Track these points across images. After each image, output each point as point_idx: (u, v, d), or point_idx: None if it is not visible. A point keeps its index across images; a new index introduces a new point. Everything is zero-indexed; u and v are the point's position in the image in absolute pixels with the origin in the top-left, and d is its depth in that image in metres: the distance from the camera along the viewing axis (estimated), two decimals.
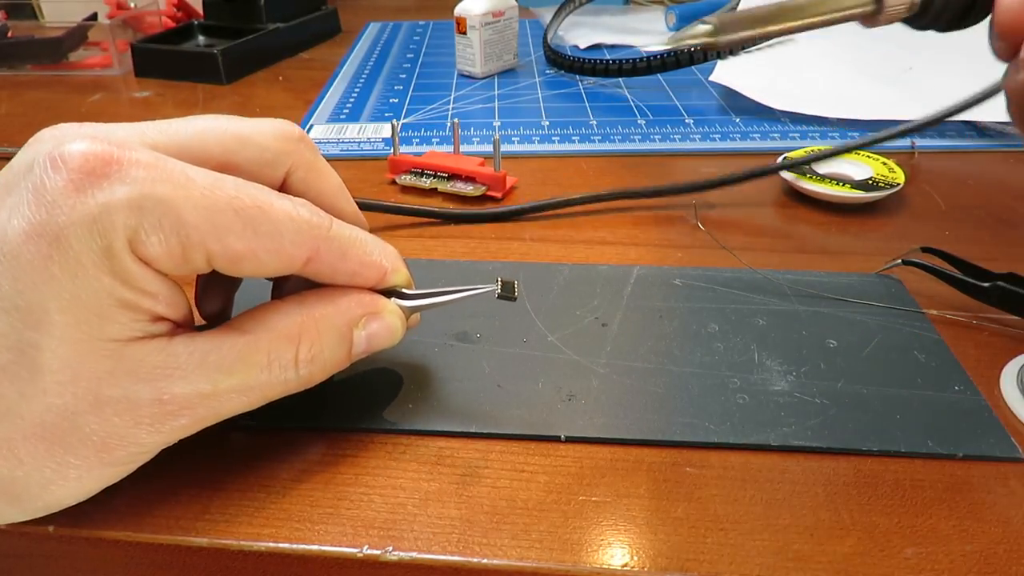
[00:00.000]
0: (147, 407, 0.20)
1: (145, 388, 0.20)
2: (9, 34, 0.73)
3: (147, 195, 0.19)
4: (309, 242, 0.22)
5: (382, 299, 0.25)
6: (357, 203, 0.28)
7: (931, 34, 0.30)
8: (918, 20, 0.25)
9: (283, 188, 0.25)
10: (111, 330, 0.20)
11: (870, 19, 0.25)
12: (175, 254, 0.20)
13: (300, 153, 0.25)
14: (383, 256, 0.25)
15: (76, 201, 0.19)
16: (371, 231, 0.26)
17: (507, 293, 0.26)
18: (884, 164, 0.43)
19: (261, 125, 0.25)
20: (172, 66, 0.67)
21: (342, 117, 0.57)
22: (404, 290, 0.26)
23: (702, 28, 0.25)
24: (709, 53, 0.59)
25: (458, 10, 0.63)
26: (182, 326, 0.22)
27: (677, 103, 0.59)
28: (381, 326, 0.25)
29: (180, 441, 0.26)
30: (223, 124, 0.24)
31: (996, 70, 0.26)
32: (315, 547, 0.22)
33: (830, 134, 0.52)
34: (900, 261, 0.34)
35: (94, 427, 0.20)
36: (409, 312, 0.26)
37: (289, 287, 0.27)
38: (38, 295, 0.19)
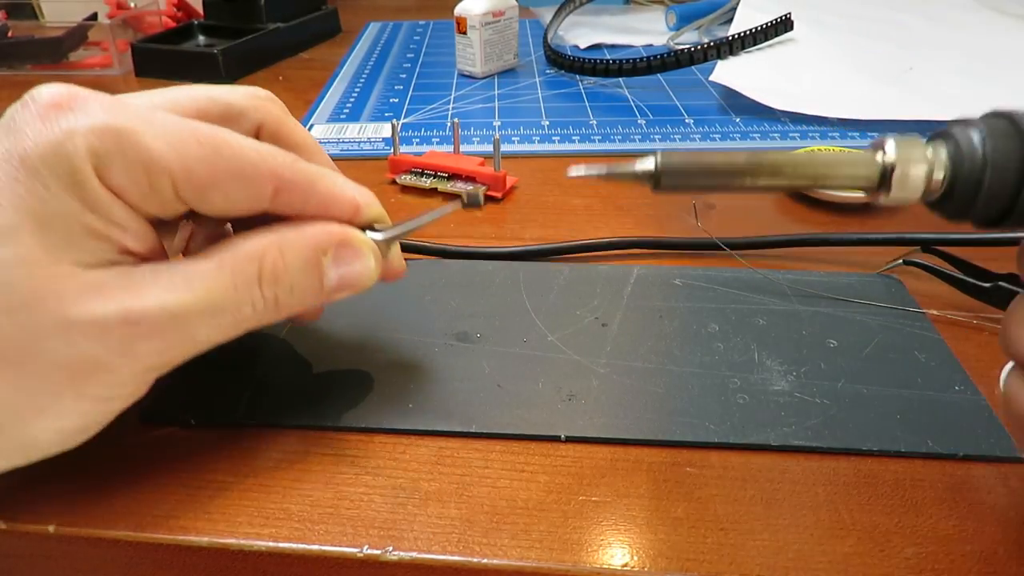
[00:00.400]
0: (115, 327, 0.20)
1: (111, 306, 0.20)
2: (9, 34, 0.73)
3: (110, 124, 0.20)
4: (274, 169, 0.22)
5: (352, 229, 0.24)
6: None
7: (931, 34, 0.29)
8: (941, 207, 0.20)
9: None
10: (78, 255, 0.20)
11: (873, 195, 0.20)
12: (141, 182, 0.20)
13: (268, 109, 0.26)
14: (356, 191, 0.25)
15: (41, 127, 0.20)
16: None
17: (472, 202, 0.27)
18: None
19: (231, 88, 0.26)
20: (172, 66, 0.67)
21: (342, 117, 0.57)
22: (379, 226, 0.26)
23: (643, 168, 0.20)
24: (709, 53, 0.59)
25: (458, 10, 0.63)
26: (151, 260, 0.22)
27: (677, 103, 0.59)
28: (353, 256, 0.24)
29: (179, 441, 0.26)
30: (194, 88, 0.25)
31: (993, 72, 0.24)
32: (315, 547, 0.22)
33: (830, 134, 0.52)
34: (901, 261, 0.34)
35: (62, 351, 0.20)
36: (386, 246, 0.25)
37: None
38: (5, 216, 0.19)
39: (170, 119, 0.21)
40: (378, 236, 0.25)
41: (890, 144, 0.20)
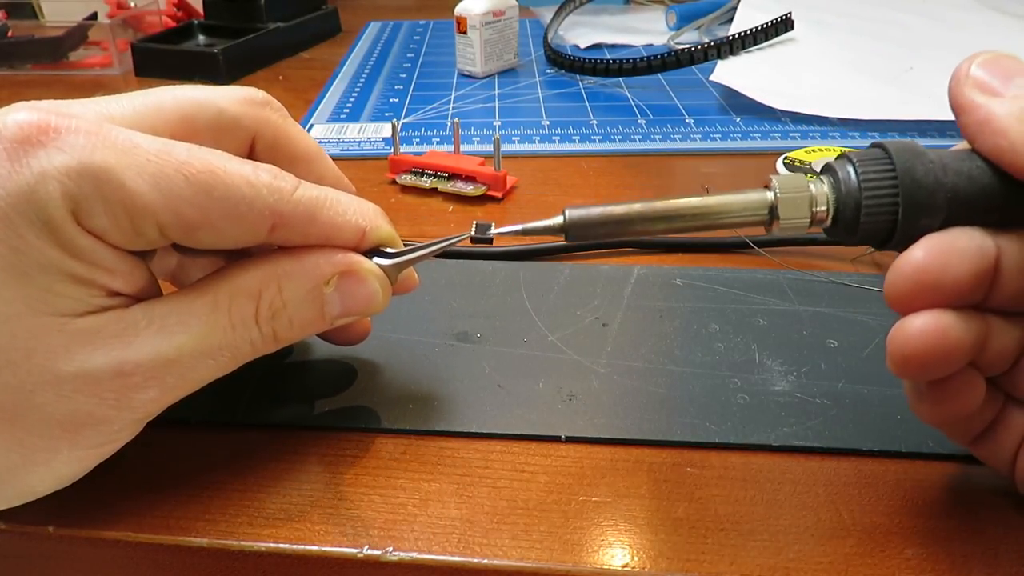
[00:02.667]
0: (109, 380, 0.19)
1: (103, 359, 0.19)
2: (9, 34, 0.73)
3: (86, 163, 0.18)
4: (271, 206, 0.21)
5: (356, 257, 0.23)
6: None
7: (931, 34, 0.29)
8: (835, 233, 0.22)
9: (251, 157, 0.24)
10: (63, 305, 0.19)
11: (768, 228, 0.22)
12: (123, 225, 0.19)
13: (265, 117, 0.24)
14: (359, 215, 0.23)
15: (11, 170, 0.18)
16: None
17: (481, 235, 0.25)
18: None
19: (222, 90, 0.24)
20: (172, 65, 0.67)
21: (342, 117, 0.57)
22: (388, 250, 0.24)
23: (554, 223, 0.22)
24: (709, 52, 0.59)
25: (458, 9, 0.63)
26: (143, 299, 0.21)
27: (678, 103, 0.59)
28: (357, 286, 0.23)
29: (179, 441, 0.26)
30: (183, 91, 0.23)
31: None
32: (315, 547, 0.22)
33: (831, 134, 0.52)
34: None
35: (55, 406, 0.19)
36: (394, 272, 0.24)
37: None
38: None
39: (154, 148, 0.19)
40: (385, 262, 0.24)
41: (775, 182, 0.22)
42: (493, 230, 0.25)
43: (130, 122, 0.21)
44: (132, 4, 0.78)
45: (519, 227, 0.23)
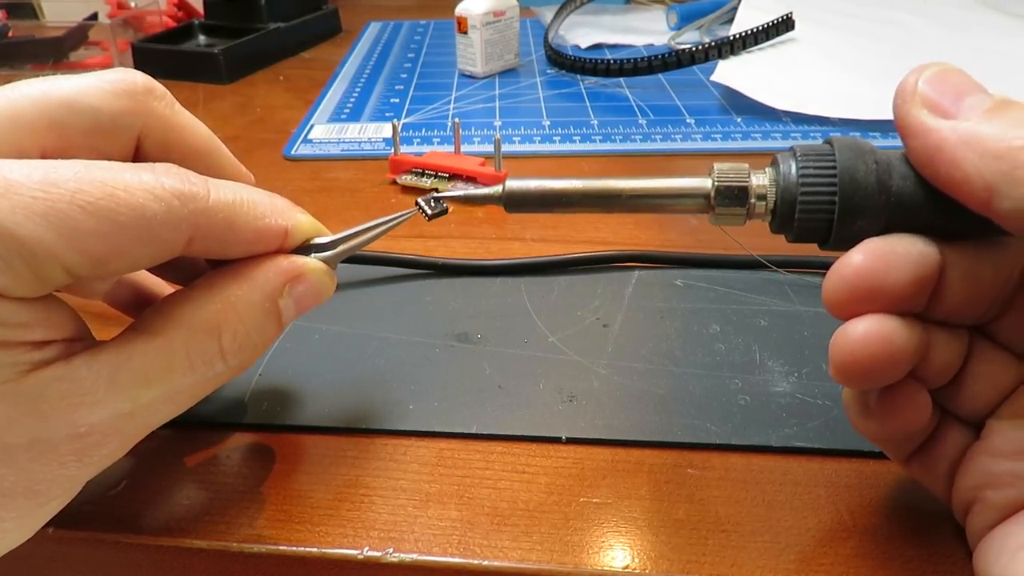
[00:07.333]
0: (65, 444, 0.18)
1: (56, 426, 0.18)
2: (10, 34, 0.73)
3: None
4: (186, 219, 0.19)
5: (300, 259, 0.22)
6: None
7: (931, 34, 0.29)
8: (774, 227, 0.21)
9: (139, 157, 0.22)
10: None
11: (707, 213, 0.22)
12: (23, 277, 0.17)
13: (150, 110, 0.21)
14: (276, 214, 0.21)
15: None
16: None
17: (437, 211, 0.25)
18: None
19: (93, 81, 0.21)
20: (173, 66, 0.67)
21: (343, 117, 0.57)
22: (319, 240, 0.23)
23: (494, 191, 0.22)
24: (710, 52, 0.59)
25: (459, 10, 0.63)
26: (79, 340, 0.19)
27: (678, 103, 0.58)
28: (308, 288, 0.22)
29: (179, 444, 0.26)
30: (43, 88, 0.20)
31: (993, 72, 0.23)
32: (315, 549, 0.22)
33: (832, 134, 0.52)
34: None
35: (13, 479, 0.18)
36: (335, 260, 0.23)
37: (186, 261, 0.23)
38: None
39: (37, 179, 0.17)
40: (327, 255, 0.23)
41: (715, 169, 0.21)
42: (443, 195, 0.25)
43: None
44: (132, 4, 0.78)
45: (461, 193, 0.23)
